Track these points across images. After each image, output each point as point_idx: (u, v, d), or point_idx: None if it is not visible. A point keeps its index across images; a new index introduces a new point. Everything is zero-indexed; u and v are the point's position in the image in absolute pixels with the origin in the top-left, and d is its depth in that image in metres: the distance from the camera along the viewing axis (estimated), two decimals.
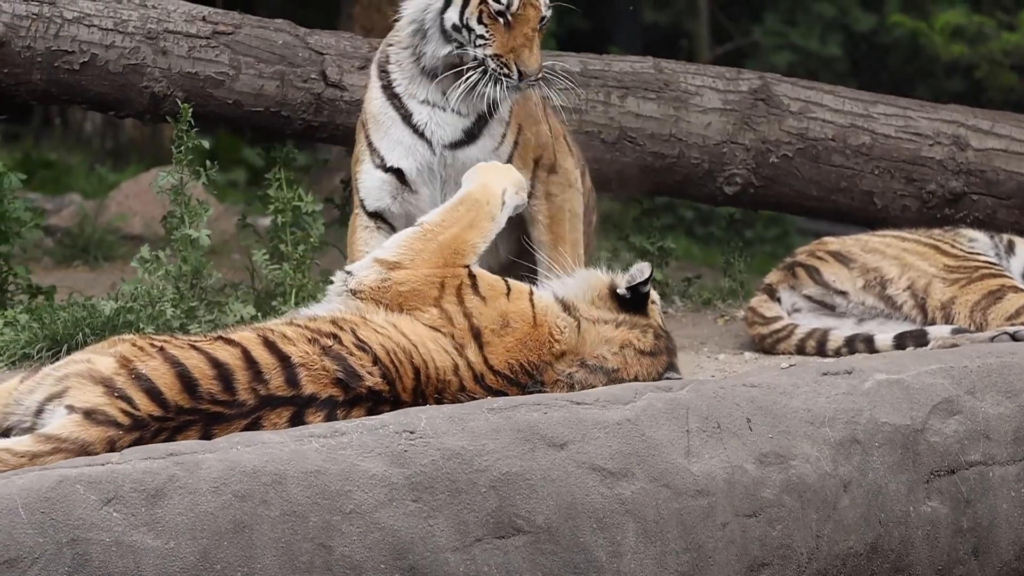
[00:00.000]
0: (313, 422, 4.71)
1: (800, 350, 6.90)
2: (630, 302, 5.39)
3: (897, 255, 7.02)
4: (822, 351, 6.82)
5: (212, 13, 7.76)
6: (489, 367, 5.11)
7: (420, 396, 4.96)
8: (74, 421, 4.48)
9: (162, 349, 4.71)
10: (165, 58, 7.57)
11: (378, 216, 6.21)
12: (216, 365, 4.70)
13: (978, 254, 7.08)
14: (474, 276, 5.33)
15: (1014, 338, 6.25)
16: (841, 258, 7.09)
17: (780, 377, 5.15)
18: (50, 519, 4.04)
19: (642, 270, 5.40)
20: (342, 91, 7.75)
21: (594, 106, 8.01)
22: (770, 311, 7.11)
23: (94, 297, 6.97)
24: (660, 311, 5.57)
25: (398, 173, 6.16)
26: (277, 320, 5.29)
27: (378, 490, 4.36)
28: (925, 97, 9.50)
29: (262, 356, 4.78)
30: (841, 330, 6.90)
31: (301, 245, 7.21)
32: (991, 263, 7.03)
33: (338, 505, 4.31)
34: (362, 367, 4.86)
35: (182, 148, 6.96)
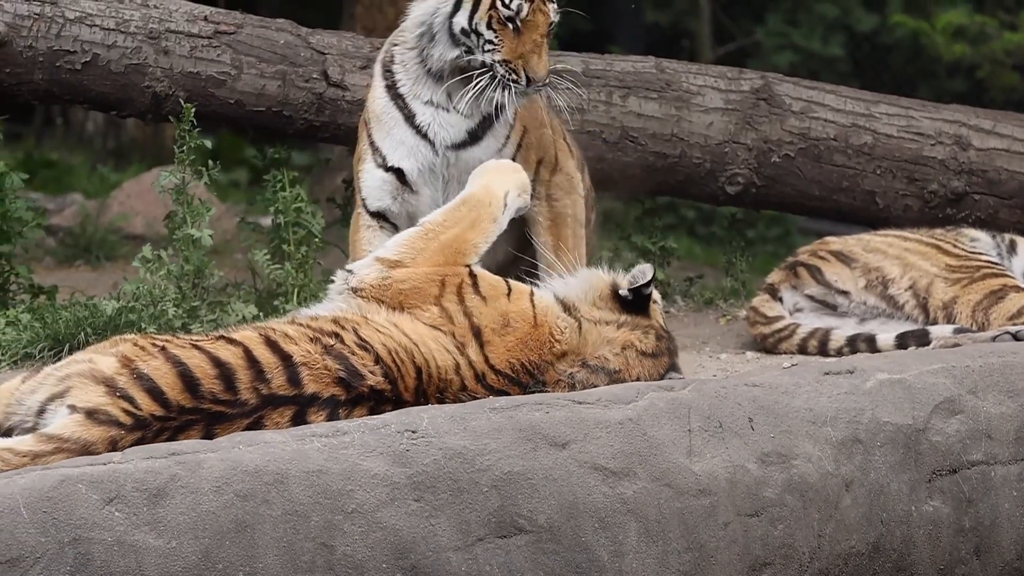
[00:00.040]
0: (315, 421, 4.71)
1: (802, 350, 6.90)
2: (632, 303, 5.38)
3: (899, 255, 7.02)
4: (824, 351, 6.82)
5: (214, 13, 7.76)
6: (490, 366, 5.11)
7: (422, 395, 4.96)
8: (76, 421, 4.48)
9: (164, 349, 4.71)
10: (167, 58, 7.57)
11: (380, 216, 6.21)
12: (218, 364, 4.70)
13: (980, 254, 7.08)
14: (475, 275, 5.33)
15: (1016, 338, 6.25)
16: (843, 258, 7.09)
17: (782, 377, 5.14)
18: (52, 518, 4.04)
19: (644, 272, 5.39)
20: (344, 91, 7.75)
21: (596, 106, 8.00)
22: (772, 311, 7.11)
23: (96, 297, 6.97)
24: (662, 311, 5.57)
25: (399, 173, 6.16)
26: (279, 319, 5.29)
27: (380, 489, 4.36)
28: (927, 97, 9.49)
29: (264, 355, 4.78)
30: (843, 330, 6.90)
31: (303, 246, 7.20)
32: (993, 263, 7.03)
33: (340, 504, 4.31)
34: (364, 366, 4.86)
35: (184, 148, 6.96)
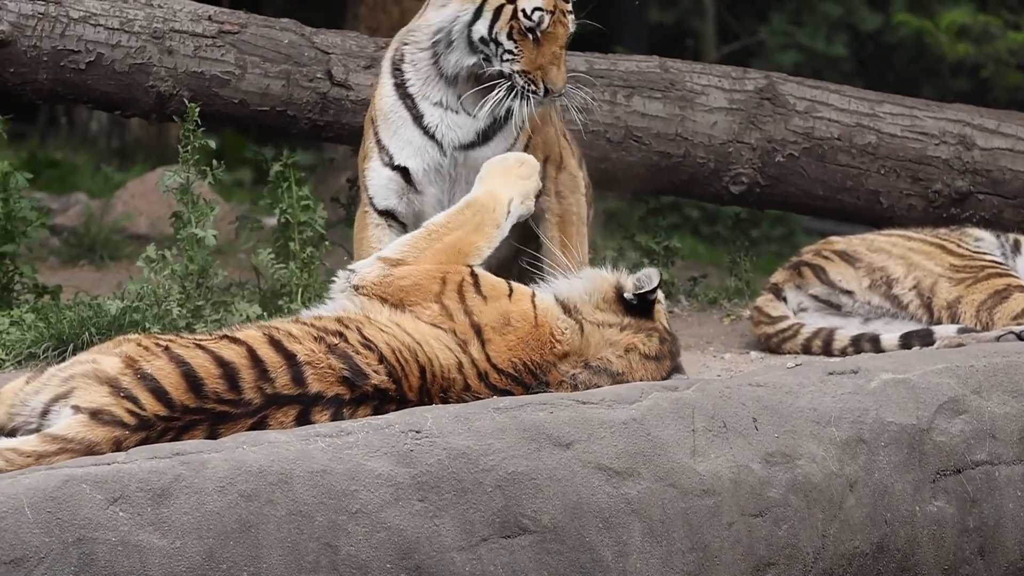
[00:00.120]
0: (319, 421, 4.72)
1: (806, 349, 6.90)
2: (636, 307, 5.37)
3: (903, 254, 7.02)
4: (828, 350, 6.82)
5: (218, 12, 7.76)
6: (493, 365, 5.10)
7: (426, 395, 4.96)
8: (80, 421, 4.48)
9: (167, 348, 4.71)
10: (171, 57, 7.58)
11: (389, 214, 6.20)
12: (222, 364, 4.70)
13: (984, 253, 7.07)
14: (476, 275, 5.33)
15: (1020, 337, 6.24)
16: (847, 257, 7.09)
17: (786, 376, 5.14)
18: (56, 518, 4.04)
19: (650, 277, 5.36)
20: (348, 90, 7.75)
21: (600, 105, 8.00)
22: (776, 310, 7.11)
23: (100, 296, 6.97)
24: (665, 311, 5.56)
25: (404, 172, 6.15)
26: (283, 319, 5.29)
27: (384, 490, 4.36)
28: (931, 96, 9.49)
29: (268, 355, 4.78)
30: (847, 329, 6.90)
31: (308, 246, 7.20)
32: (997, 262, 7.03)
33: (344, 505, 4.30)
34: (368, 365, 4.86)
35: (188, 147, 6.96)
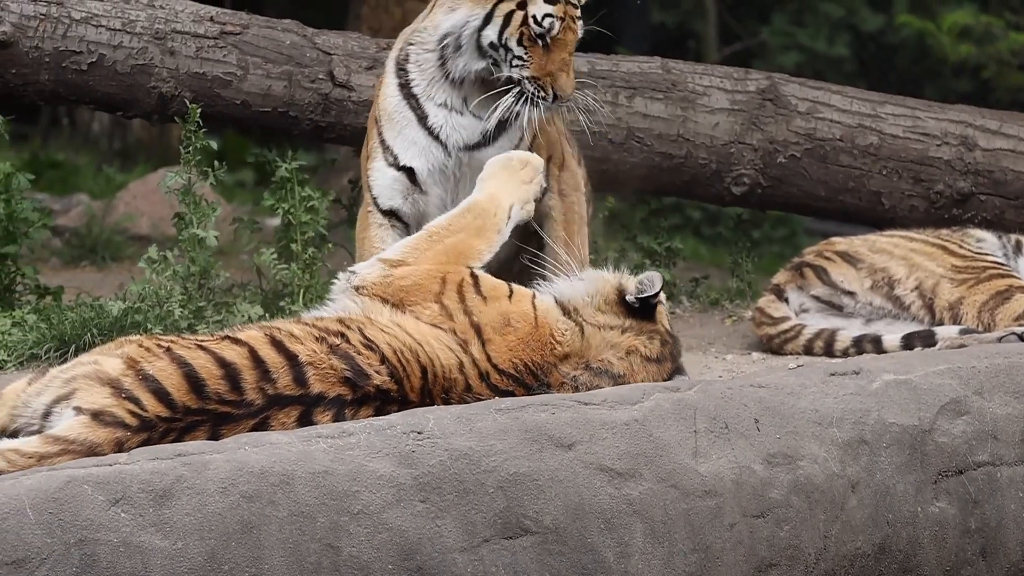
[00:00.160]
0: (321, 421, 4.71)
1: (808, 350, 6.89)
2: (638, 309, 5.36)
3: (905, 255, 7.02)
4: (830, 351, 6.81)
5: (220, 13, 7.76)
6: (493, 365, 5.10)
7: (427, 395, 4.96)
8: (82, 422, 4.48)
9: (169, 349, 4.71)
10: (173, 58, 7.58)
11: (392, 214, 6.20)
12: (223, 365, 4.70)
13: (986, 254, 7.07)
14: (476, 276, 5.32)
15: (1022, 339, 6.23)
16: (849, 258, 7.09)
17: (788, 377, 5.14)
18: (58, 519, 4.04)
19: (653, 282, 5.33)
20: (350, 91, 7.76)
21: (601, 106, 7.99)
22: (778, 311, 7.11)
23: (102, 297, 6.97)
24: (667, 312, 5.55)
25: (409, 172, 6.15)
26: (284, 319, 5.29)
27: (386, 491, 4.36)
28: (933, 97, 9.50)
29: (269, 355, 4.77)
30: (849, 330, 6.90)
31: (311, 247, 7.20)
32: (999, 263, 7.03)
33: (346, 506, 4.31)
34: (370, 366, 4.86)
35: (190, 148, 6.96)
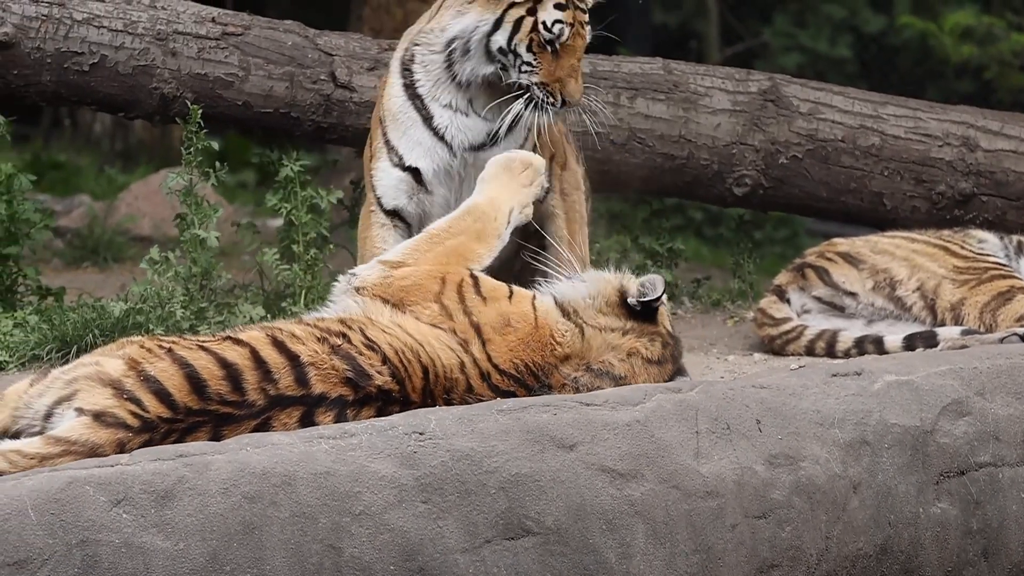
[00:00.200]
0: (323, 422, 4.71)
1: (809, 351, 6.89)
2: (640, 312, 5.35)
3: (907, 256, 7.01)
4: (831, 352, 6.81)
5: (222, 14, 7.76)
6: (494, 365, 5.09)
7: (429, 396, 4.96)
8: (83, 423, 4.48)
9: (170, 350, 4.71)
10: (174, 59, 7.58)
11: (395, 214, 6.19)
12: (225, 365, 4.70)
13: (988, 255, 7.07)
14: (476, 277, 5.32)
15: (1023, 339, 6.24)
16: (851, 259, 7.09)
17: (789, 378, 5.14)
18: (60, 520, 4.04)
19: (655, 285, 5.32)
20: (351, 92, 7.76)
21: (604, 107, 7.99)
22: (779, 312, 7.11)
23: (103, 298, 6.97)
24: (668, 313, 5.55)
25: (415, 173, 6.15)
26: (286, 320, 5.29)
27: (388, 491, 4.36)
28: (934, 98, 9.49)
29: (271, 356, 4.77)
30: (851, 331, 6.89)
31: (312, 249, 7.21)
32: (1001, 264, 7.02)
33: (348, 506, 4.31)
34: (371, 366, 4.86)
35: (191, 149, 6.96)
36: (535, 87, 5.96)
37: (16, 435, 4.62)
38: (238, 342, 4.81)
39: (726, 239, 9.95)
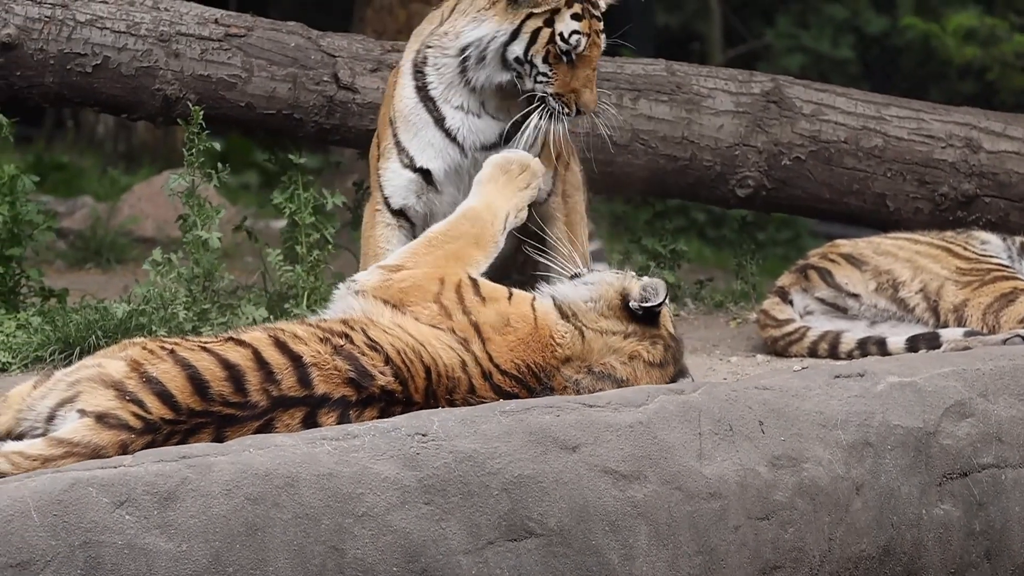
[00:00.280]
0: (326, 422, 4.71)
1: (812, 352, 6.89)
2: (642, 316, 5.34)
3: (909, 257, 7.01)
4: (834, 353, 6.81)
5: (224, 16, 7.76)
6: (495, 365, 5.09)
7: (431, 396, 4.96)
8: (86, 425, 4.48)
9: (172, 352, 4.71)
10: (177, 60, 7.58)
11: (401, 214, 6.20)
12: (227, 367, 4.70)
13: (990, 256, 7.07)
14: (475, 279, 5.33)
15: None
16: (853, 261, 7.08)
17: (792, 380, 5.14)
18: (62, 522, 4.04)
19: (657, 290, 5.30)
20: (354, 93, 7.75)
21: (611, 107, 7.99)
22: (782, 313, 7.11)
23: (106, 299, 6.97)
24: (670, 314, 5.54)
25: (426, 174, 6.15)
26: (288, 321, 5.29)
27: (390, 493, 4.36)
28: (937, 99, 9.50)
29: (273, 356, 4.77)
30: (853, 332, 6.89)
31: (316, 250, 7.21)
32: (1003, 265, 7.02)
33: (350, 508, 4.31)
34: (374, 367, 4.86)
35: (194, 151, 6.96)
36: (551, 98, 5.98)
37: (19, 437, 4.62)
38: (240, 343, 4.81)
39: (729, 240, 9.96)
